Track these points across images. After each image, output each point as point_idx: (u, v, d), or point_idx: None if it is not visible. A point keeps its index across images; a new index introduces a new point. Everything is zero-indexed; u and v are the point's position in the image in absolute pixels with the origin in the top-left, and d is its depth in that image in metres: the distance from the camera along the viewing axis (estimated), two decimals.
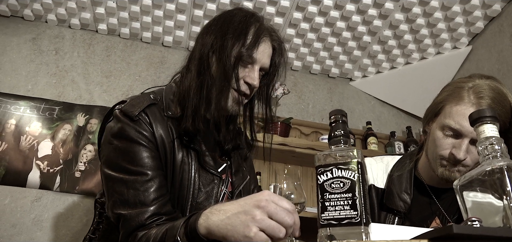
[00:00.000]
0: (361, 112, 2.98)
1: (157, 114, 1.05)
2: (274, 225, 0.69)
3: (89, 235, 1.17)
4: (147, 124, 1.01)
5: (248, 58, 1.07)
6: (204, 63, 1.07)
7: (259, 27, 1.11)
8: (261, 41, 1.10)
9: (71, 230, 2.19)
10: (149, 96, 1.08)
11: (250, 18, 1.12)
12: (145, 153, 0.99)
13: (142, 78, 2.64)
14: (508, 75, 2.22)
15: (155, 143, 1.01)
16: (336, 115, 0.76)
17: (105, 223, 1.13)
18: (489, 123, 0.71)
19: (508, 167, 0.63)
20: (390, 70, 2.93)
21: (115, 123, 1.03)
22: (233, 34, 1.07)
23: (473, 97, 1.08)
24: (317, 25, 2.53)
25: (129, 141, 0.99)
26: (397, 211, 1.21)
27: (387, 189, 1.25)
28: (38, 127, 2.35)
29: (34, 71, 2.47)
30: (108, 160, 1.02)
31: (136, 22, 2.59)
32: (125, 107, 1.04)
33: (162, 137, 1.02)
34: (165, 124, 1.04)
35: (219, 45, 1.06)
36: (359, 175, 0.67)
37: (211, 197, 1.08)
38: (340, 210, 0.66)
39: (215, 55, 1.07)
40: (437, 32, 2.53)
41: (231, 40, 1.06)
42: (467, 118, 1.03)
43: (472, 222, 0.55)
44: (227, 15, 1.13)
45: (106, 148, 1.04)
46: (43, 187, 2.23)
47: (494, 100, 1.07)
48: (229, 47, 1.05)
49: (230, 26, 1.08)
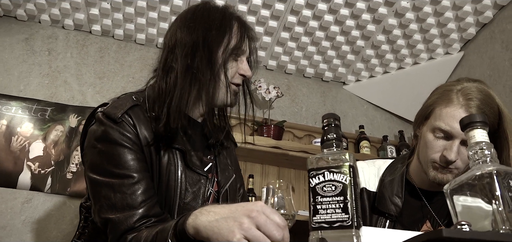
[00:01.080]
0: (354, 116, 3.00)
1: (141, 115, 1.03)
2: (259, 236, 0.68)
3: (75, 240, 1.16)
4: (130, 126, 0.99)
5: (239, 51, 1.13)
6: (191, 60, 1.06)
7: (240, 21, 1.16)
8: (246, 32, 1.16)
9: (62, 232, 2.17)
10: (132, 97, 1.06)
11: (228, 12, 1.16)
12: (130, 156, 0.97)
13: (136, 80, 2.63)
14: (499, 81, 2.25)
15: (140, 144, 1.00)
16: (328, 119, 0.76)
17: (90, 228, 1.11)
18: (479, 128, 0.72)
19: (497, 172, 0.63)
20: (383, 75, 2.95)
21: (98, 126, 1.01)
22: (219, 30, 1.10)
23: (462, 99, 1.10)
24: (311, 29, 2.54)
25: (113, 144, 0.97)
26: (388, 214, 1.22)
27: (378, 193, 1.26)
28: (29, 127, 2.33)
29: (27, 72, 2.45)
30: (93, 164, 0.99)
31: (130, 24, 2.58)
32: (108, 109, 1.01)
33: (147, 138, 1.01)
34: (149, 125, 1.03)
35: (208, 42, 1.08)
36: (351, 179, 0.68)
37: (198, 197, 1.07)
38: (331, 213, 0.66)
39: (204, 52, 1.07)
40: (430, 38, 2.56)
41: (218, 36, 1.09)
42: (456, 119, 1.07)
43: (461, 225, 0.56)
44: (202, 10, 1.14)
45: (90, 152, 1.01)
46: (34, 189, 2.21)
47: (482, 102, 1.09)
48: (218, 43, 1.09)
49: (212, 21, 1.11)
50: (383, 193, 1.25)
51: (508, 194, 0.62)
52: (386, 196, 1.23)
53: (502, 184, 0.62)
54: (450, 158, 1.09)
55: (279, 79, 2.94)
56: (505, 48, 2.26)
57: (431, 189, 1.24)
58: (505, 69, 2.24)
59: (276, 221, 0.71)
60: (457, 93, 1.12)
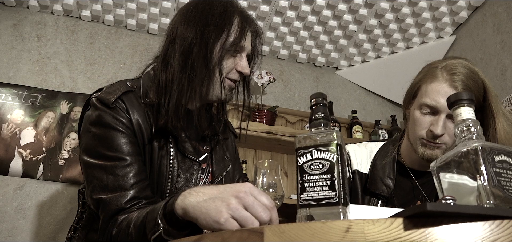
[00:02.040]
0: (347, 101, 3.00)
1: (134, 101, 1.05)
2: (247, 216, 0.69)
3: (74, 225, 1.18)
4: (124, 111, 1.02)
5: (238, 47, 1.10)
6: (188, 57, 1.06)
7: (242, 16, 1.13)
8: (247, 29, 1.13)
9: (55, 219, 2.17)
10: (126, 83, 1.09)
11: (230, 6, 1.13)
12: (123, 139, 1.00)
13: (127, 66, 2.61)
14: (490, 64, 2.26)
15: (133, 129, 1.02)
16: (316, 98, 0.76)
17: (87, 213, 1.13)
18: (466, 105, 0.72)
19: (482, 148, 0.64)
20: (376, 60, 2.95)
21: (93, 111, 1.04)
22: (217, 26, 1.08)
23: (446, 75, 1.13)
24: (303, 14, 2.53)
25: (107, 128, 1.00)
26: (380, 195, 1.24)
27: (370, 174, 1.28)
28: (20, 114, 2.31)
29: (16, 58, 2.42)
30: (87, 148, 1.02)
31: (120, 9, 2.55)
32: (102, 95, 1.04)
33: (140, 123, 1.03)
34: (142, 111, 1.05)
35: (205, 38, 1.06)
36: (338, 157, 0.68)
37: (190, 183, 1.09)
38: (318, 191, 0.67)
39: (200, 48, 1.06)
40: (422, 22, 2.55)
41: (216, 32, 1.07)
42: (441, 94, 1.10)
43: (445, 200, 0.56)
44: (204, 4, 1.12)
45: (85, 136, 1.04)
46: (26, 175, 2.20)
47: (467, 76, 1.12)
48: (215, 39, 1.07)
49: (212, 17, 1.09)
50: (375, 175, 1.26)
51: (492, 169, 0.62)
52: (378, 178, 1.25)
53: (487, 160, 0.63)
54: (437, 132, 1.11)
55: (272, 65, 2.93)
56: (497, 31, 2.27)
57: (421, 169, 1.25)
58: (496, 52, 2.25)
59: (264, 202, 0.71)
60: (441, 70, 1.15)
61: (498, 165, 0.63)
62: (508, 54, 2.15)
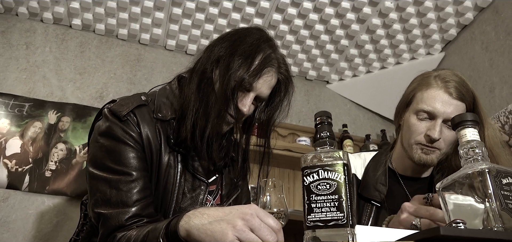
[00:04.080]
0: (338, 115, 3.02)
1: (146, 115, 1.03)
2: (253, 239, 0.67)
3: (74, 237, 1.16)
4: (134, 125, 1.00)
5: (247, 84, 1.04)
6: (207, 78, 1.05)
7: (268, 55, 1.07)
8: (266, 71, 1.05)
9: (41, 232, 2.10)
10: (140, 97, 1.08)
11: (262, 42, 1.07)
12: (131, 154, 0.98)
13: (117, 76, 2.57)
14: (479, 82, 2.30)
15: (142, 144, 1.00)
16: (321, 117, 0.76)
17: (89, 225, 1.11)
18: (470, 127, 0.72)
19: (489, 171, 0.64)
20: (366, 74, 2.97)
21: (103, 122, 1.02)
22: (240, 56, 1.03)
23: (440, 82, 1.18)
24: (296, 28, 2.54)
25: (116, 141, 0.98)
26: (373, 200, 1.27)
27: (363, 181, 1.32)
28: (6, 124, 2.25)
29: (3, 66, 2.37)
30: (93, 159, 1.00)
31: (112, 18, 2.52)
32: (114, 106, 1.03)
33: (149, 138, 1.01)
34: (153, 126, 1.03)
35: (225, 63, 1.03)
36: (345, 177, 0.67)
37: (196, 204, 1.06)
38: (326, 212, 0.66)
39: (219, 72, 1.04)
40: (412, 38, 2.59)
41: (237, 62, 1.02)
42: (438, 100, 1.16)
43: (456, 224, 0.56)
44: (242, 32, 1.09)
45: (93, 146, 1.02)
46: (11, 187, 2.14)
47: (459, 84, 1.17)
48: (234, 69, 1.01)
49: (241, 46, 1.04)
50: (367, 181, 1.30)
51: (500, 192, 0.62)
52: (370, 184, 1.29)
53: (495, 183, 0.63)
54: (434, 137, 1.14)
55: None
56: (485, 49, 2.31)
57: (414, 175, 1.29)
58: (485, 70, 2.29)
59: (271, 224, 0.70)
60: (435, 78, 1.20)
61: (505, 188, 0.63)
62: (497, 72, 2.20)
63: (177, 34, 2.61)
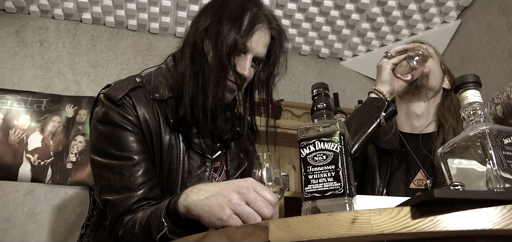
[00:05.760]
0: (353, 91, 2.97)
1: (142, 97, 1.02)
2: (249, 212, 0.67)
3: (86, 222, 1.18)
4: (131, 108, 0.99)
5: (241, 46, 1.02)
6: (198, 50, 1.03)
7: (255, 13, 1.05)
8: (257, 28, 1.03)
9: (66, 222, 2.18)
10: (135, 79, 1.06)
11: (247, 2, 1.05)
12: (130, 138, 0.97)
13: (130, 67, 2.60)
14: (497, 47, 2.22)
15: (140, 126, 0.99)
16: (318, 88, 0.75)
17: (98, 209, 1.13)
18: (472, 88, 0.70)
19: (490, 131, 0.62)
20: (380, 48, 2.91)
21: (100, 107, 1.02)
22: (228, 20, 1.01)
23: None
24: (304, 5, 2.50)
25: (114, 126, 0.97)
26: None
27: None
28: (26, 120, 2.32)
29: (19, 64, 2.43)
30: (94, 146, 1.00)
31: (120, 10, 2.54)
32: (109, 91, 1.02)
33: (147, 120, 1.00)
34: (150, 107, 1.02)
35: (214, 31, 1.01)
36: (342, 147, 0.67)
37: (203, 181, 1.04)
38: (323, 182, 0.65)
39: (210, 41, 1.03)
40: (426, 7, 2.51)
41: (226, 26, 1.00)
42: None
43: (454, 186, 0.55)
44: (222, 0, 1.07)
45: (92, 133, 1.03)
46: (35, 180, 2.21)
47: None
48: (224, 34, 0.99)
49: (226, 10, 1.03)
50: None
51: (501, 153, 0.61)
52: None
53: (495, 143, 0.61)
54: None
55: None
56: (503, 12, 2.22)
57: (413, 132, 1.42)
58: (503, 34, 2.20)
59: (267, 197, 0.70)
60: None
61: (507, 148, 0.61)
62: None
63: (185, 20, 2.61)
